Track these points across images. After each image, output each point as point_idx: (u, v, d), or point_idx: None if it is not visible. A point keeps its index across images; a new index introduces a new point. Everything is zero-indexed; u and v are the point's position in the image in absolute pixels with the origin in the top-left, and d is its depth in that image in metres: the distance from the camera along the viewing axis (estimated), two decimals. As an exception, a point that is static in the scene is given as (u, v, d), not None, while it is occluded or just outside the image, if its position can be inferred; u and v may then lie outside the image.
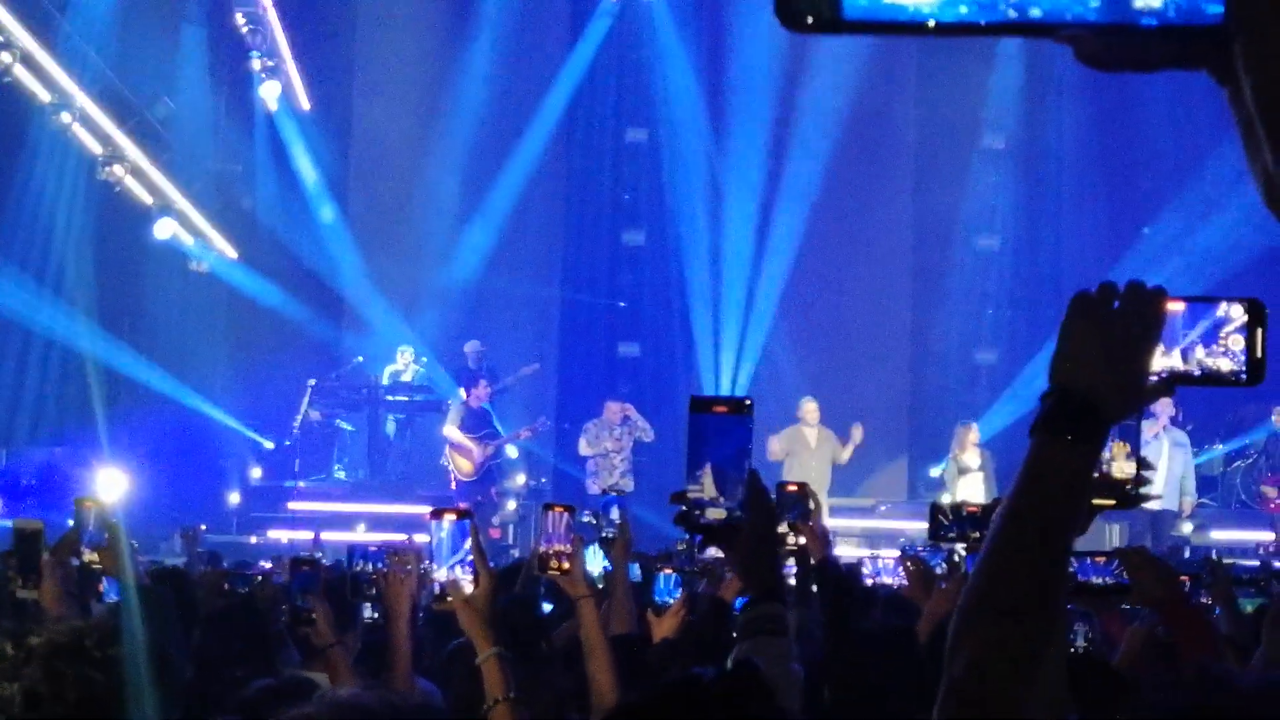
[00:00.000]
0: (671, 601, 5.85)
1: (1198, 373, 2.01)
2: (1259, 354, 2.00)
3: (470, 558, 3.82)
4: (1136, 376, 1.93)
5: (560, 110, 20.53)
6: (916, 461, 19.90)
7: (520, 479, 18.32)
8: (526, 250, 20.44)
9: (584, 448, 17.59)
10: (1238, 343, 2.00)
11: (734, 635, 3.03)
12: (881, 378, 20.23)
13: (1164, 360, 1.99)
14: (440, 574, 3.88)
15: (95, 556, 5.36)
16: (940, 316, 20.70)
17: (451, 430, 17.39)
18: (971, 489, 16.33)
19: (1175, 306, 1.99)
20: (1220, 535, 16.75)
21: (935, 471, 18.11)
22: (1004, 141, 20.85)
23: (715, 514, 2.71)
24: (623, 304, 20.84)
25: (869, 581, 6.67)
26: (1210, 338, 2.01)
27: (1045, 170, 20.53)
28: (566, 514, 4.80)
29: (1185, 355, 2.01)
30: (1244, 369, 2.00)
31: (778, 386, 18.34)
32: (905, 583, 6.40)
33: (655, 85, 20.59)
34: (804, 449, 16.96)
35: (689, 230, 20.48)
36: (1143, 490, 2.26)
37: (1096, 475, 2.25)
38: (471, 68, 20.03)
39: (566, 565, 4.80)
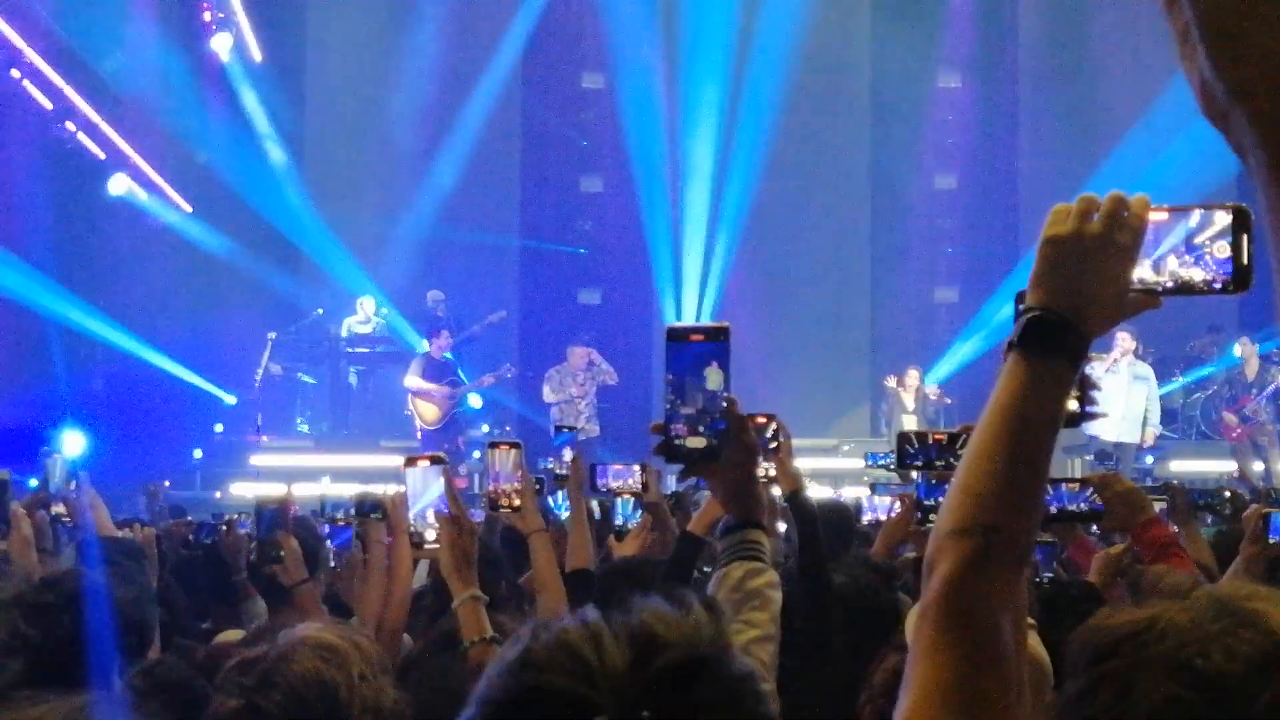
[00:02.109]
0: (632, 525, 5.87)
1: (1171, 284, 1.95)
2: (1245, 260, 1.93)
3: (445, 503, 3.82)
4: (1118, 291, 1.90)
5: (516, 57, 20.41)
6: (878, 401, 19.96)
7: (485, 428, 18.29)
8: (485, 198, 20.33)
9: (548, 394, 17.58)
10: (1223, 250, 1.94)
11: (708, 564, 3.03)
12: (842, 318, 20.28)
13: (1137, 271, 1.94)
14: (421, 519, 3.89)
15: (64, 509, 5.32)
16: (899, 256, 20.74)
17: (413, 379, 17.39)
18: (907, 428, 16.57)
19: (1158, 216, 1.94)
20: (1180, 466, 16.85)
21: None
22: (959, 80, 20.83)
23: (695, 442, 2.68)
24: (583, 250, 20.78)
25: (866, 519, 6.69)
26: (1189, 247, 1.95)
27: (1001, 108, 20.51)
28: (514, 451, 4.78)
29: (1157, 266, 1.96)
30: (1228, 277, 1.93)
31: (738, 329, 18.34)
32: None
33: (611, 30, 20.44)
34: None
35: (647, 176, 20.41)
36: (1088, 409, 2.22)
37: None
38: (425, 15, 19.84)
39: (518, 502, 4.79)
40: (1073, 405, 2.15)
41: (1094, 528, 6.78)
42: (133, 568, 5.29)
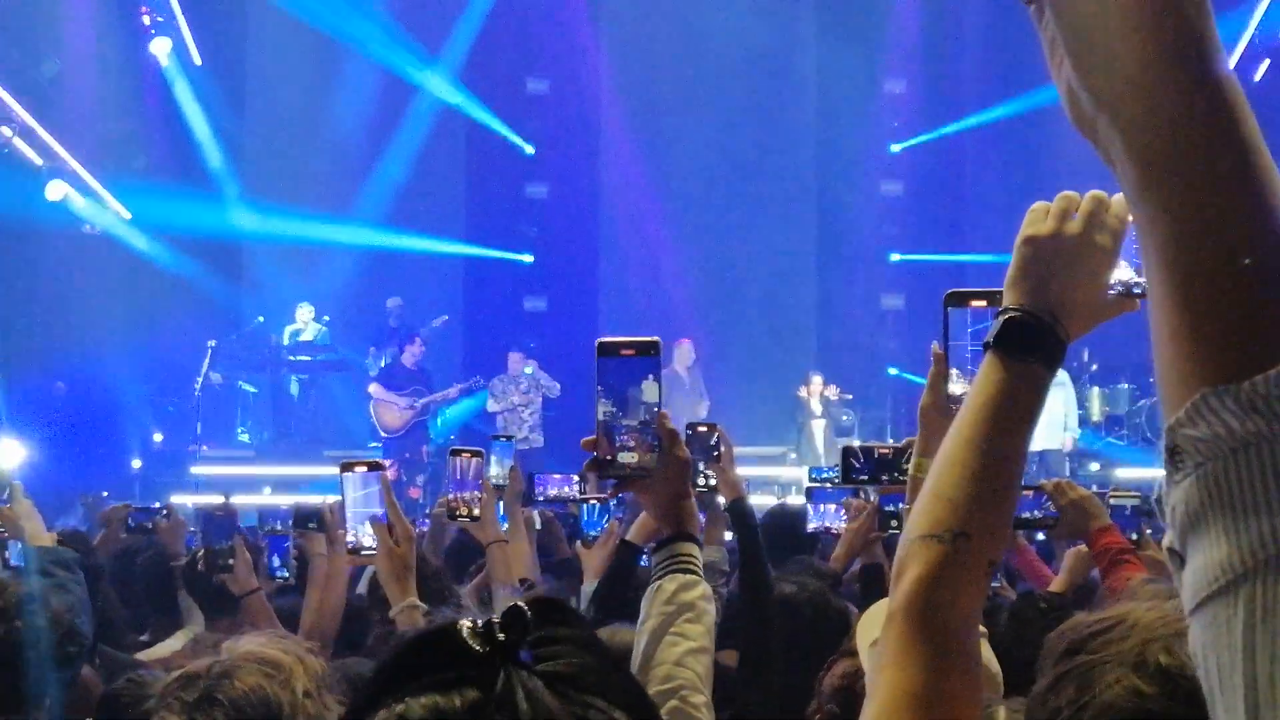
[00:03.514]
0: (598, 533, 5.78)
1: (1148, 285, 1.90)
2: None
3: (384, 510, 3.74)
4: (1096, 292, 1.87)
5: (459, 61, 20.28)
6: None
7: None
8: (429, 205, 20.21)
9: (491, 404, 17.55)
10: None
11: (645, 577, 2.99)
12: (788, 325, 20.28)
13: (1116, 273, 1.90)
14: (359, 525, 3.80)
15: None
16: (846, 263, 20.75)
17: (374, 386, 17.35)
18: (818, 433, 17.59)
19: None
20: (1126, 473, 16.91)
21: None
22: (904, 85, 20.87)
23: (628, 458, 2.69)
24: (529, 258, 20.67)
25: (811, 527, 6.65)
26: None
27: (947, 113, 20.53)
28: (475, 459, 4.71)
29: (1137, 267, 1.90)
30: None
31: (684, 336, 18.29)
32: (844, 526, 6.39)
33: (556, 34, 20.37)
34: (680, 390, 17.12)
35: (592, 182, 20.36)
36: None
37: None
38: (368, 18, 19.72)
39: (477, 511, 4.72)
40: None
41: (1039, 535, 6.78)
42: (67, 578, 5.16)
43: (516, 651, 1.29)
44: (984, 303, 2.47)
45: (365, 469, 3.88)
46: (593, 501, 6.10)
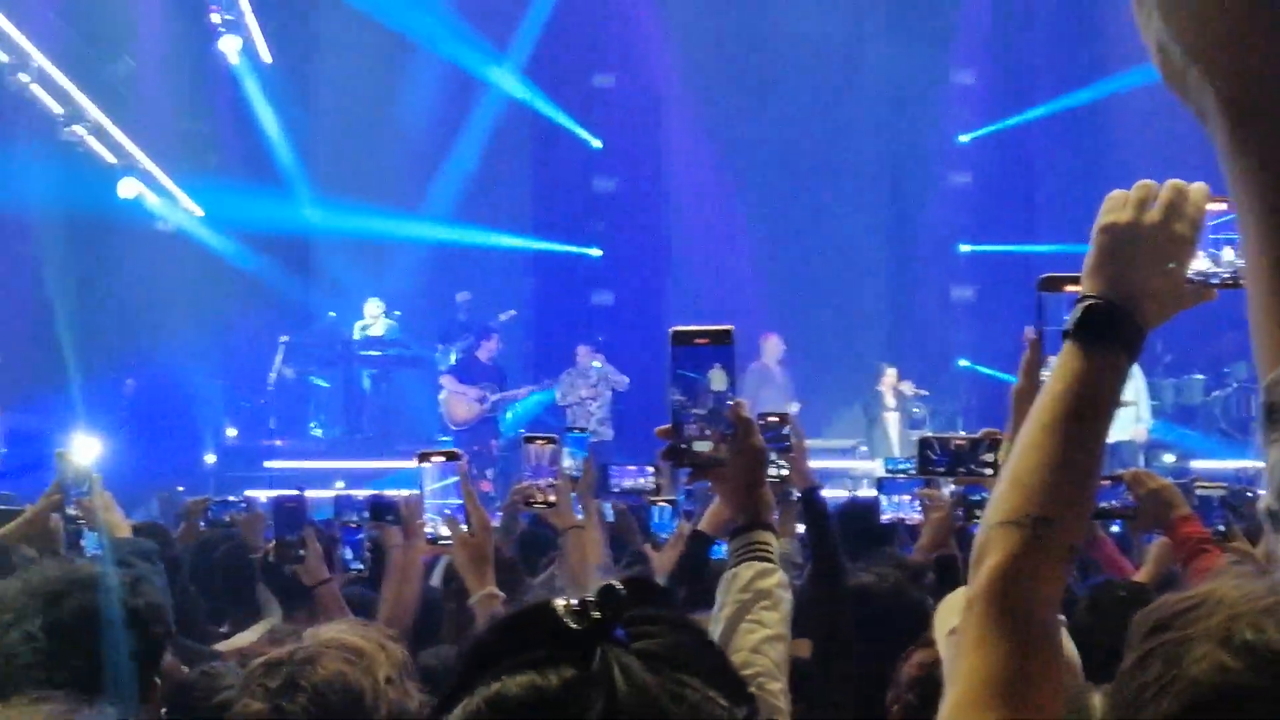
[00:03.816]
0: (668, 536, 5.77)
1: (1228, 275, 1.93)
2: None
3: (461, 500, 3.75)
4: (1175, 282, 1.87)
5: (526, 56, 20.31)
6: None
7: (505, 427, 18.19)
8: (497, 200, 20.26)
9: (560, 398, 17.59)
10: None
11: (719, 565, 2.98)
12: (860, 316, 20.19)
13: (1194, 263, 1.90)
14: (437, 515, 3.81)
15: (78, 510, 5.19)
16: (915, 254, 20.64)
17: (446, 378, 17.47)
18: (891, 426, 17.44)
19: (1216, 206, 1.90)
20: (1201, 465, 16.74)
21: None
22: (975, 76, 20.71)
23: (702, 446, 2.70)
24: (596, 252, 20.68)
25: (885, 518, 6.63)
26: None
27: (1018, 104, 20.35)
28: (550, 446, 4.71)
29: (1215, 258, 1.93)
30: None
31: (754, 331, 18.26)
32: (919, 518, 6.36)
33: (623, 29, 20.37)
34: (770, 385, 17.11)
35: (661, 176, 20.34)
36: None
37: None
38: (435, 14, 19.78)
39: (553, 498, 4.72)
40: None
41: (1114, 528, 6.73)
42: (147, 569, 5.19)
43: (612, 629, 1.30)
44: (1078, 287, 2.48)
45: (443, 459, 3.89)
46: (662, 503, 6.09)
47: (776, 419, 5.26)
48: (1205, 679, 1.53)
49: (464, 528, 3.68)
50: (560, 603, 1.32)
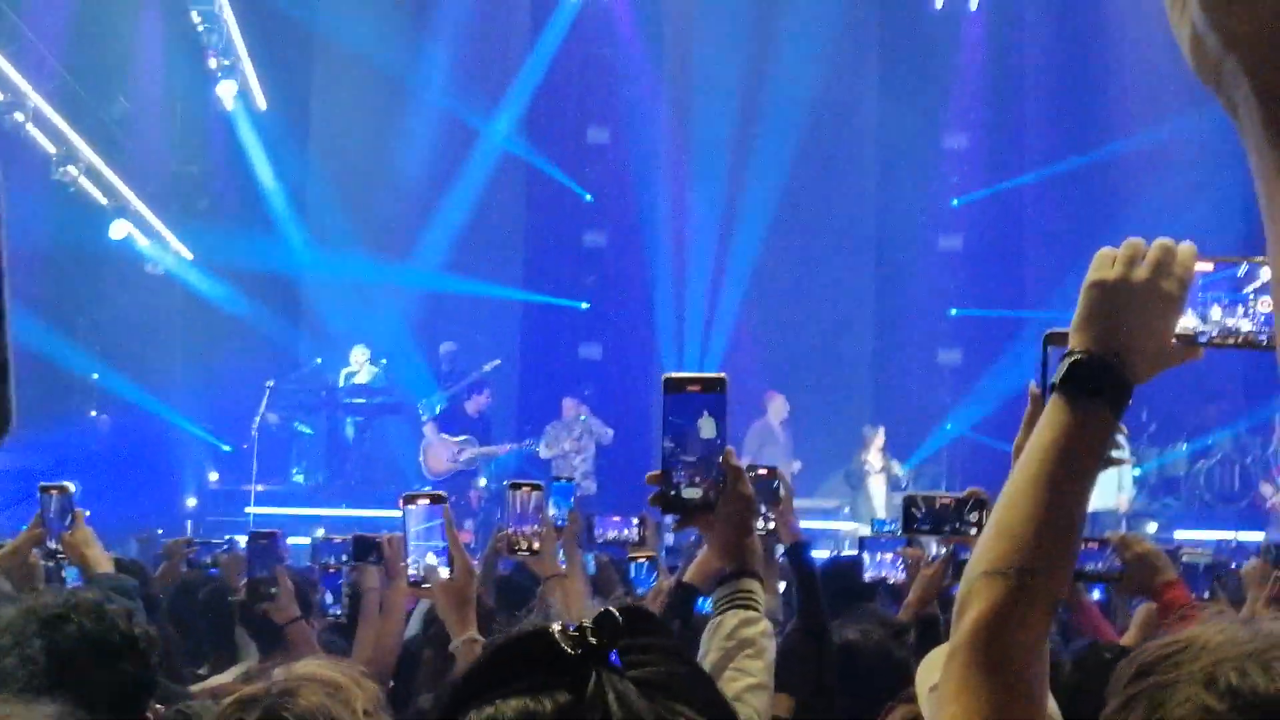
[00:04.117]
0: (645, 591, 5.74)
1: (1215, 333, 1.94)
2: None
3: (445, 543, 3.73)
4: (1162, 339, 1.90)
5: (521, 109, 20.41)
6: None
7: (482, 481, 18.17)
8: (487, 250, 20.29)
9: (543, 450, 17.59)
10: (1267, 304, 1.92)
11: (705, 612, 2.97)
12: (845, 378, 20.22)
13: (1182, 321, 1.93)
14: (420, 559, 3.78)
15: (59, 546, 5.15)
16: (903, 317, 20.67)
17: (428, 427, 17.49)
18: (876, 488, 17.46)
19: (1204, 266, 1.94)
20: (1184, 535, 16.73)
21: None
22: (966, 140, 20.81)
23: (691, 493, 2.70)
24: (585, 305, 20.71)
25: (868, 576, 6.62)
26: (1235, 299, 1.94)
27: (1008, 168, 20.45)
28: (536, 493, 4.69)
29: (1203, 316, 1.94)
30: (1273, 331, 1.91)
31: (741, 389, 18.26)
32: (904, 576, 6.36)
33: (617, 84, 20.48)
34: (773, 444, 17.15)
35: (651, 231, 20.38)
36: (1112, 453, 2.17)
37: None
38: (431, 65, 19.89)
39: (537, 545, 4.69)
40: None
41: (1096, 594, 6.72)
42: (131, 607, 5.15)
43: (608, 655, 1.29)
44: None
45: (428, 502, 3.87)
46: (642, 558, 6.08)
47: (765, 472, 5.27)
48: (1190, 719, 1.51)
49: (446, 571, 3.66)
50: (556, 627, 1.31)
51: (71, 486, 5.10)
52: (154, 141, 18.60)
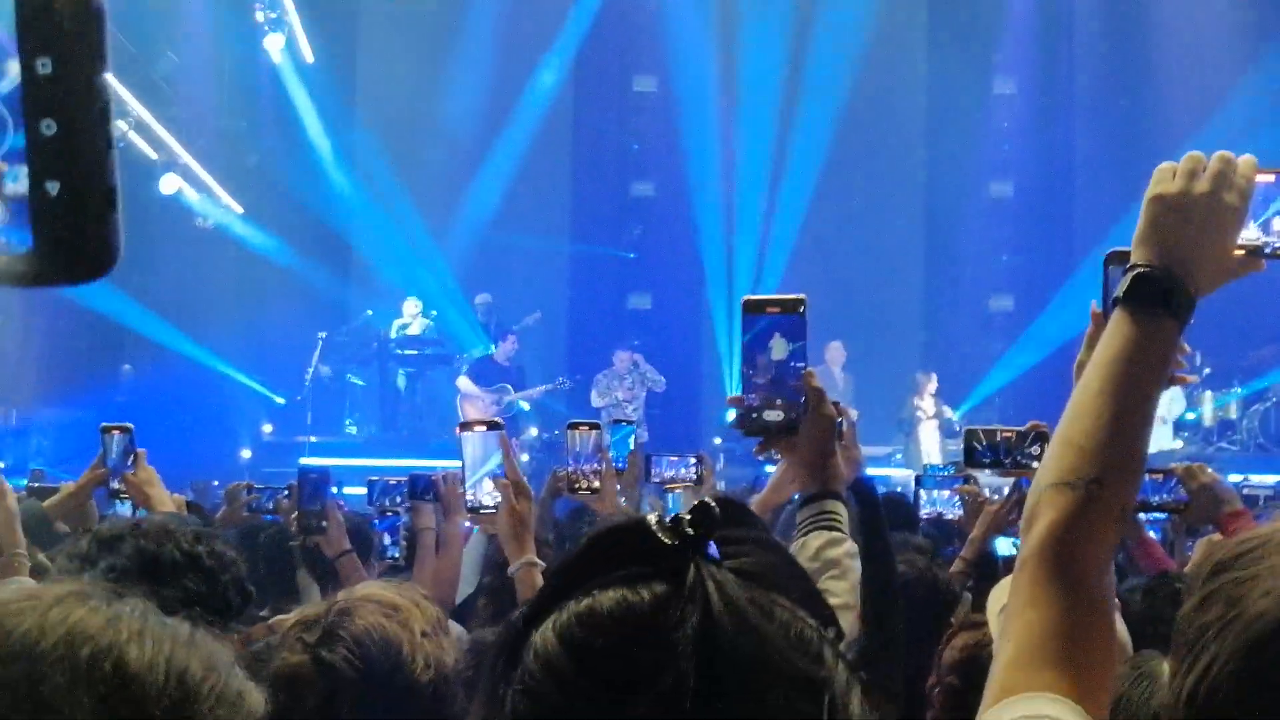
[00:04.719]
0: None
1: (1279, 245, 1.94)
2: None
3: (503, 469, 3.73)
4: (1224, 251, 1.90)
5: (567, 59, 20.35)
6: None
7: (533, 431, 18.20)
8: (535, 202, 20.27)
9: (595, 399, 17.58)
10: None
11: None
12: (896, 326, 20.14)
13: (1244, 234, 1.92)
14: (478, 485, 3.79)
15: (123, 486, 5.16)
16: (954, 264, 20.55)
17: (463, 380, 17.54)
18: (928, 434, 17.47)
19: (1265, 177, 1.93)
20: (1237, 479, 16.60)
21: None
22: (1015, 86, 20.62)
23: (773, 416, 2.69)
24: (632, 255, 20.66)
25: (924, 513, 6.63)
26: None
27: (1058, 114, 20.27)
28: (594, 432, 4.67)
29: (1266, 228, 1.94)
30: None
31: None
32: (960, 514, 6.35)
33: (663, 32, 20.33)
34: (833, 391, 17.10)
35: (698, 181, 20.29)
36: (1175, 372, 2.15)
37: None
38: (476, 15, 19.81)
39: (597, 484, 4.68)
40: None
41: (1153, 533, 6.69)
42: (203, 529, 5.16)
43: (705, 546, 1.28)
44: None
45: (484, 428, 3.87)
46: (678, 490, 6.06)
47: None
48: (1270, 613, 1.50)
49: (511, 494, 3.66)
50: (653, 518, 1.30)
51: (132, 426, 5.10)
52: (202, 96, 18.63)
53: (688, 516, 1.29)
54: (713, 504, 1.30)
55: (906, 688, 4.07)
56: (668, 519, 1.30)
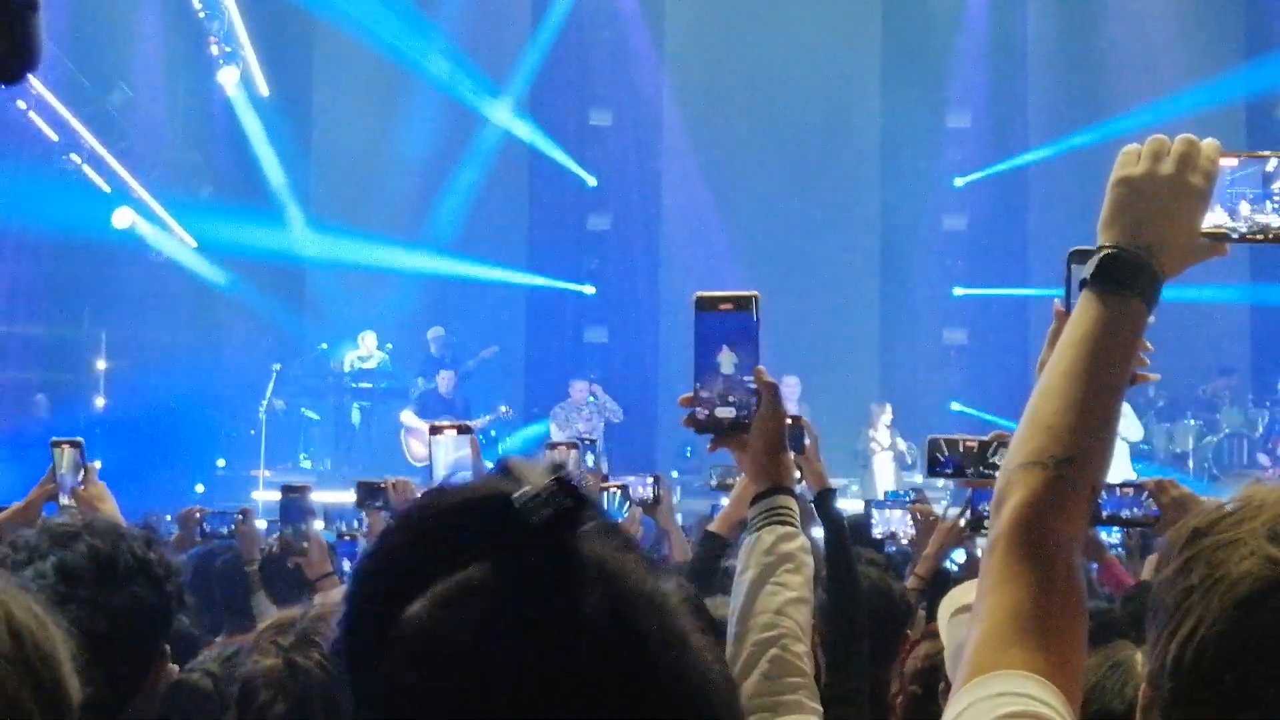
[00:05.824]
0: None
1: (1244, 229, 1.95)
2: None
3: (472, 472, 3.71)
4: (1189, 234, 1.91)
5: (524, 93, 20.37)
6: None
7: (488, 465, 18.12)
8: (491, 235, 20.25)
9: (554, 432, 17.54)
10: None
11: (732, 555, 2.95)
12: (852, 359, 20.18)
13: (1210, 217, 1.93)
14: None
15: (73, 502, 5.07)
16: (909, 297, 20.62)
17: (407, 415, 17.51)
18: (883, 466, 17.63)
19: (1228, 161, 1.94)
20: (1192, 510, 16.73)
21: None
22: (969, 120, 20.75)
23: (725, 413, 2.70)
24: (590, 289, 20.66)
25: (877, 533, 6.65)
26: (1262, 193, 1.95)
27: (1012, 148, 20.41)
28: (572, 451, 4.68)
29: (1232, 213, 1.95)
30: None
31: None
32: (912, 533, 6.38)
33: (619, 66, 20.41)
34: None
35: (655, 214, 20.33)
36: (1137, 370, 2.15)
37: None
38: (433, 49, 19.82)
39: None
40: None
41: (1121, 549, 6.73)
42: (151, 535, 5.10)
43: (576, 518, 1.23)
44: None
45: (455, 432, 3.86)
46: (613, 490, 6.06)
47: (790, 420, 5.22)
48: (1255, 571, 1.50)
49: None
50: (515, 494, 1.21)
51: (83, 441, 5.02)
52: (157, 129, 18.53)
53: (552, 481, 1.22)
54: (570, 480, 1.23)
55: (871, 702, 4.08)
56: (529, 490, 1.21)
